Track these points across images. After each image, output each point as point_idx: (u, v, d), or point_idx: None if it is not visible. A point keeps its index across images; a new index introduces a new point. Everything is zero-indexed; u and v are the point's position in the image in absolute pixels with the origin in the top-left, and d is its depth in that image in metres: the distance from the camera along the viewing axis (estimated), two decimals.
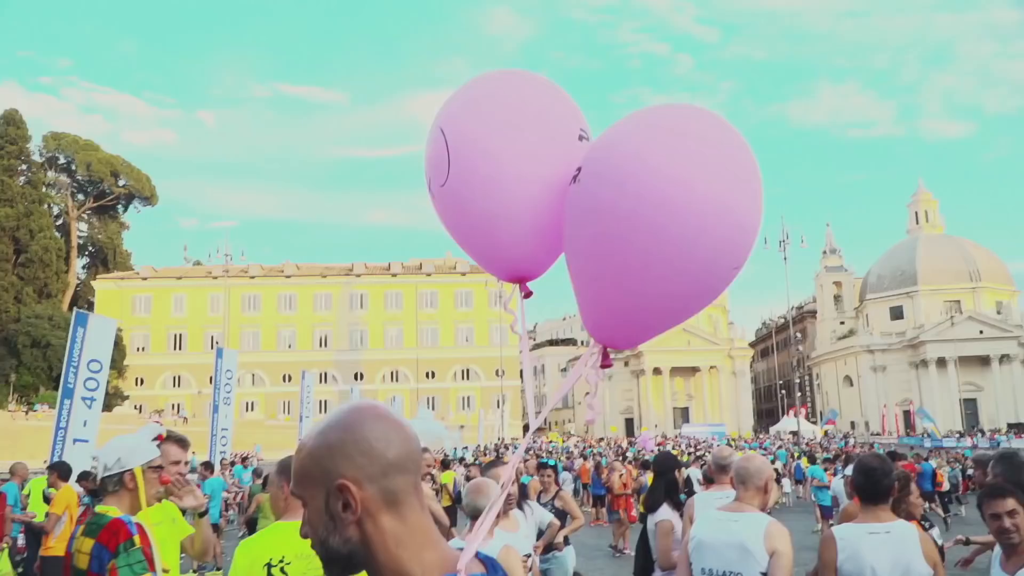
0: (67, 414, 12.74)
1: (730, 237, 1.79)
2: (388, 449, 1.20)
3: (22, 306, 67.70)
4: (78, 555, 2.87)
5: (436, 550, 1.20)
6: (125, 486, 3.04)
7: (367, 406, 1.26)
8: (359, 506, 1.17)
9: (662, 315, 1.95)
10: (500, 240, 2.13)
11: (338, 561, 1.21)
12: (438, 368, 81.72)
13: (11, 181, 71.18)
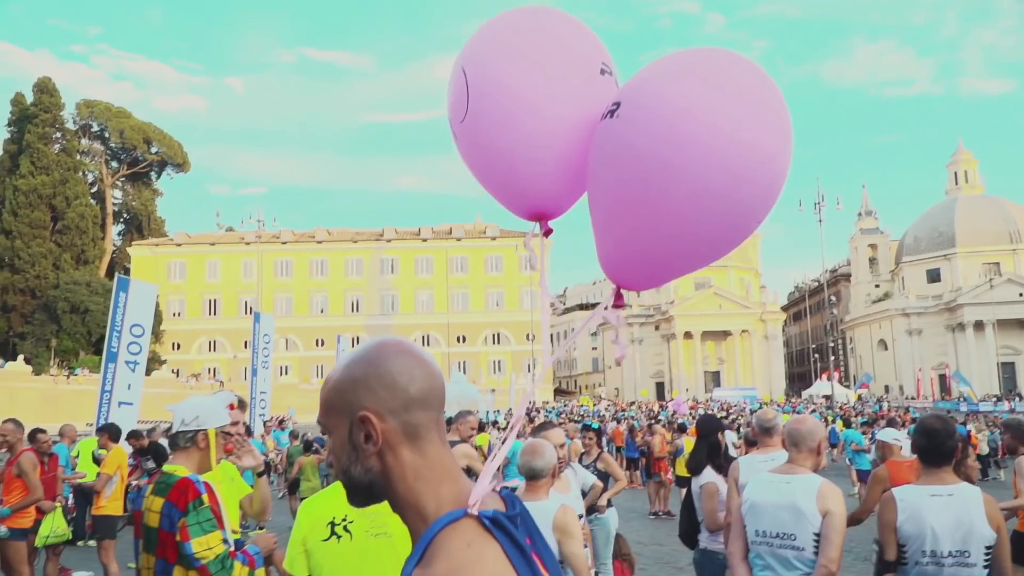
0: (111, 378, 13.00)
1: (765, 185, 1.77)
2: (410, 384, 1.22)
3: (60, 272, 68.90)
4: (148, 514, 2.92)
5: (454, 484, 1.22)
6: (197, 444, 3.09)
7: (392, 342, 1.27)
8: (380, 438, 1.20)
9: (684, 259, 1.93)
10: (518, 175, 2.07)
11: (360, 490, 1.24)
12: (469, 332, 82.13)
13: (46, 149, 72.04)
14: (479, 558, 1.12)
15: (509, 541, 1.15)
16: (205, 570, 2.83)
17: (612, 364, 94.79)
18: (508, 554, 1.14)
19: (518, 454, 10.99)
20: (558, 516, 3.29)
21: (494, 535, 1.15)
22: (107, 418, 12.05)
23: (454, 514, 1.16)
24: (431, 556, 1.13)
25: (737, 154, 1.71)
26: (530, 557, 1.17)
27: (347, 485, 1.25)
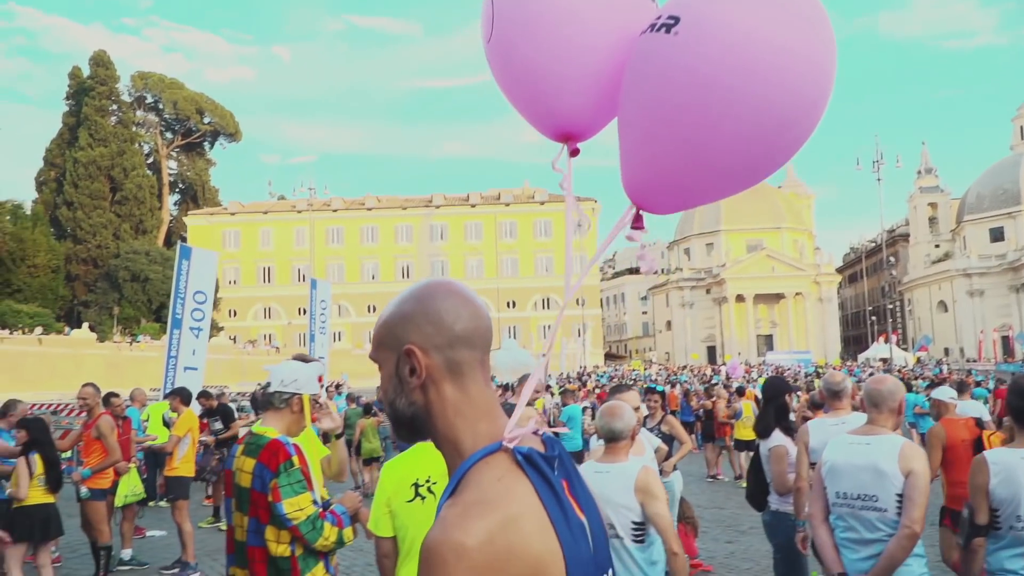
0: (176, 344, 13.35)
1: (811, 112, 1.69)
2: (456, 322, 1.25)
3: (120, 242, 70.72)
4: (240, 474, 2.98)
5: (492, 423, 1.24)
6: (291, 407, 3.14)
7: (443, 282, 1.31)
8: (423, 372, 1.24)
9: (720, 186, 1.83)
10: (545, 91, 1.95)
11: (403, 423, 1.28)
12: (518, 298, 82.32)
13: (103, 121, 73.59)
14: (507, 491, 1.13)
15: (540, 479, 1.17)
16: (296, 530, 2.89)
17: (662, 328, 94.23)
18: (538, 491, 1.15)
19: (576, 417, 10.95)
20: (640, 477, 3.28)
21: (525, 471, 1.16)
22: (173, 383, 12.40)
23: (489, 448, 1.19)
24: (462, 488, 1.16)
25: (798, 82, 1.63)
26: (563, 498, 1.18)
27: (392, 417, 1.29)
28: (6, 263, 63.91)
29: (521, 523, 1.11)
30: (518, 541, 1.09)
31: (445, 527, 1.10)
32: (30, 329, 55.35)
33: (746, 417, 13.50)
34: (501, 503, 1.12)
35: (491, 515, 1.10)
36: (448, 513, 1.13)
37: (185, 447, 8.18)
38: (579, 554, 1.17)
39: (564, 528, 1.16)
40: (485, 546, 1.07)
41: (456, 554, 1.06)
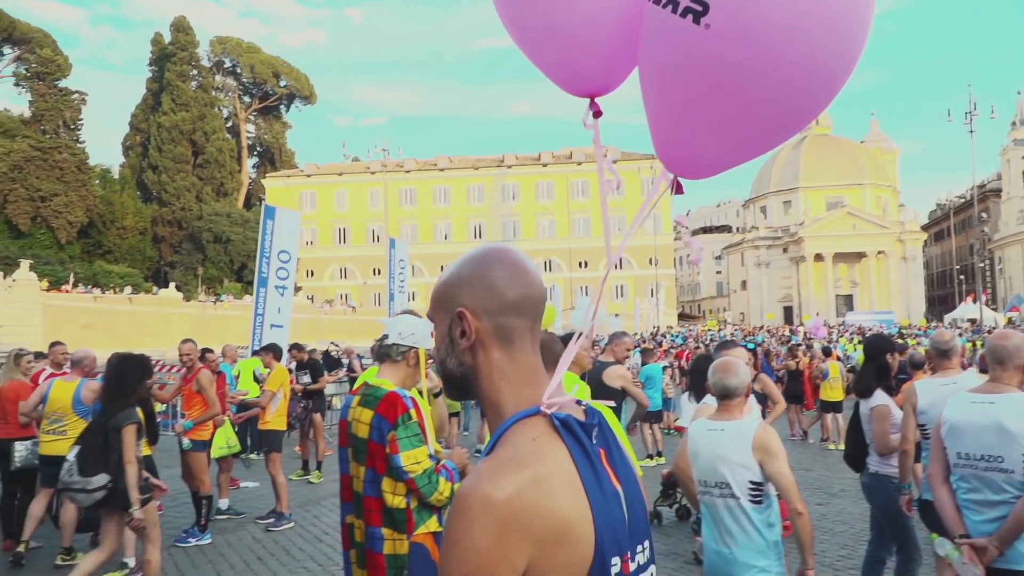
0: (263, 302, 13.68)
1: (846, 72, 1.65)
2: (508, 289, 1.28)
3: (203, 204, 72.90)
4: (357, 424, 3.00)
5: (536, 389, 1.26)
6: (407, 361, 3.14)
7: (501, 249, 1.34)
8: (473, 335, 1.28)
9: (756, 148, 1.78)
10: (561, 46, 1.89)
11: (453, 382, 1.33)
12: (591, 258, 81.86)
13: (185, 86, 75.51)
14: (540, 451, 1.16)
15: (576, 443, 1.19)
16: (412, 483, 2.90)
17: (737, 288, 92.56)
18: (573, 455, 1.18)
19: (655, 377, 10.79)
20: (758, 435, 3.19)
21: (561, 435, 1.19)
22: (260, 341, 12.74)
23: (527, 411, 1.22)
24: (499, 446, 1.20)
25: (832, 67, 1.60)
26: (597, 465, 1.21)
27: (442, 376, 1.34)
28: (97, 225, 66.65)
29: (551, 482, 1.13)
30: (545, 499, 1.12)
31: (477, 478, 1.13)
32: (121, 289, 57.78)
33: (832, 378, 13.16)
34: (533, 461, 1.14)
35: (522, 472, 1.13)
36: (482, 466, 1.16)
37: (278, 402, 8.40)
38: (611, 520, 1.18)
39: (596, 492, 1.17)
40: (512, 500, 1.10)
41: (482, 504, 1.10)
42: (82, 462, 5.03)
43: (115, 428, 5.09)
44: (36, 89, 70.19)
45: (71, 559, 6.65)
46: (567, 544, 1.13)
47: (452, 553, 1.10)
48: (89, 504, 5.12)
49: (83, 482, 5.01)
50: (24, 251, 56.51)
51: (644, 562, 1.27)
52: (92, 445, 5.08)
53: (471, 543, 1.09)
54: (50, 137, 66.94)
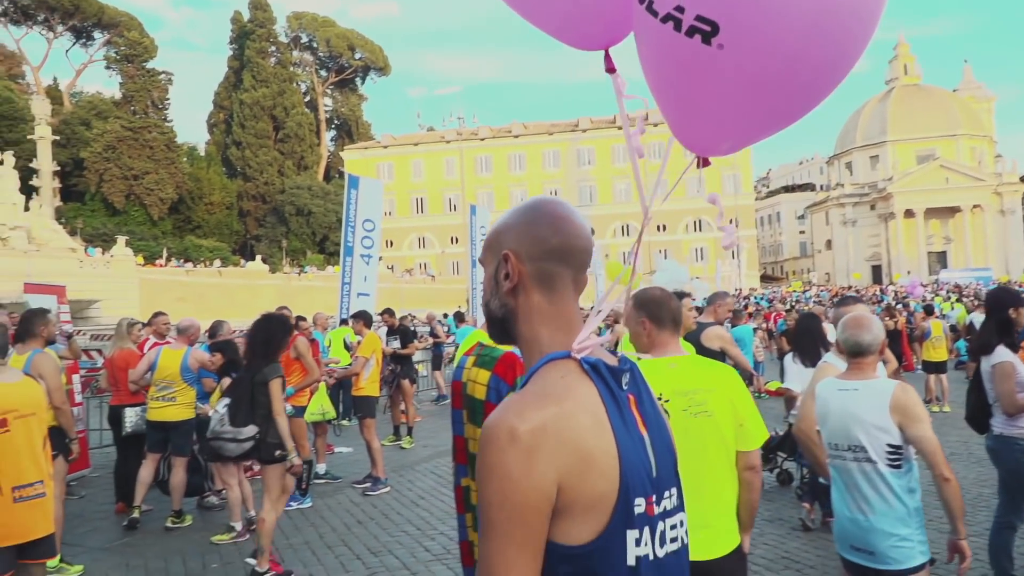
0: (349, 270, 13.88)
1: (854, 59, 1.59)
2: (553, 236, 1.32)
3: (284, 178, 74.61)
4: (473, 385, 2.92)
5: (571, 335, 1.30)
6: None
7: (551, 200, 1.39)
8: (515, 277, 1.33)
9: (780, 125, 1.71)
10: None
11: (495, 323, 1.38)
12: (669, 220, 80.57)
13: (264, 63, 77.03)
14: (568, 388, 1.21)
15: (604, 385, 1.24)
16: None
17: (821, 248, 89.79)
18: (601, 395, 1.23)
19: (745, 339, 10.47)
20: (897, 396, 2.99)
21: (590, 377, 1.24)
22: (348, 309, 12.94)
23: (559, 353, 1.27)
24: (528, 383, 1.25)
25: (850, 51, 1.56)
26: (625, 408, 1.25)
27: (487, 317, 1.40)
28: (186, 201, 69.02)
29: (576, 416, 1.18)
30: (569, 431, 1.16)
31: (504, 411, 1.18)
32: (210, 262, 59.82)
33: (935, 337, 12.60)
34: (559, 396, 1.19)
35: (547, 405, 1.18)
36: (509, 400, 1.21)
37: (371, 368, 8.49)
38: (636, 461, 1.22)
39: (623, 432, 1.21)
40: (537, 431, 1.15)
41: (510, 436, 1.15)
42: (233, 413, 5.30)
43: (261, 382, 5.34)
44: (125, 71, 72.74)
45: (180, 521, 6.89)
46: (592, 476, 1.16)
47: (487, 483, 1.15)
48: (238, 453, 5.37)
49: (234, 432, 5.27)
50: (120, 228, 59.06)
51: (671, 508, 1.30)
52: (241, 398, 5.35)
53: (503, 472, 1.13)
54: (140, 117, 69.40)
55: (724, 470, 2.67)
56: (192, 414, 6.98)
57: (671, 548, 1.28)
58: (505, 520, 1.13)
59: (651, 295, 2.92)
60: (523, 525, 1.13)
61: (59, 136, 58.57)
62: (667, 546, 1.27)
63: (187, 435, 7.03)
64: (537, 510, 1.14)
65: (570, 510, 1.16)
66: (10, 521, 3.63)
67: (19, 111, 58.01)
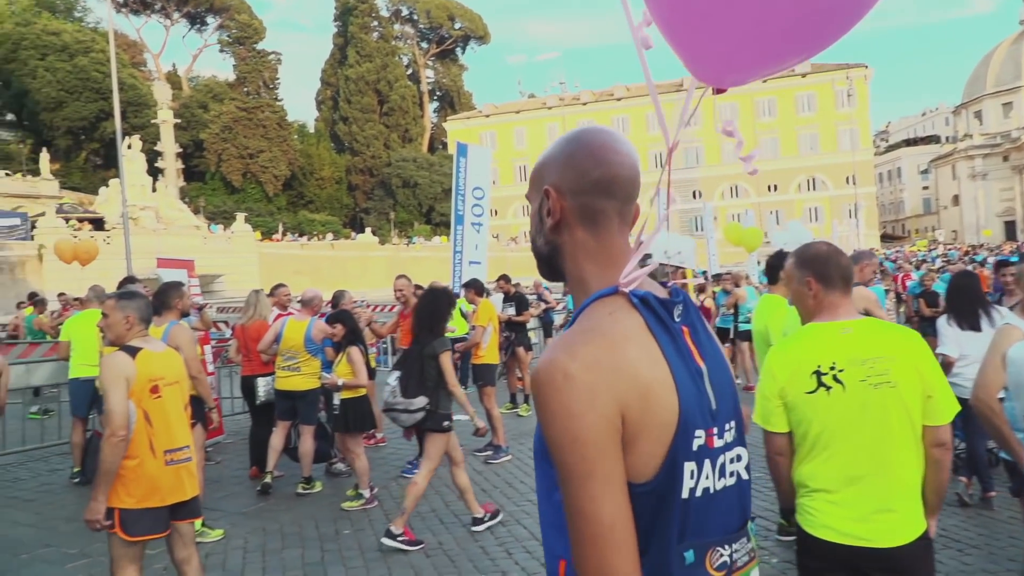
0: (460, 239, 13.86)
1: None
2: (595, 168, 1.27)
3: (390, 151, 75.93)
4: None
5: (619, 272, 1.25)
6: (673, 282, 2.86)
7: (593, 129, 1.32)
8: (558, 213, 1.29)
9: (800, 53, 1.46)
10: None
11: (542, 260, 1.36)
12: (780, 180, 77.67)
13: (367, 38, 78.25)
14: (616, 322, 1.18)
15: (654, 318, 1.20)
16: None
17: (948, 204, 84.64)
18: (651, 328, 1.18)
19: None
20: None
21: (640, 311, 1.20)
22: (461, 278, 12.92)
23: (606, 290, 1.23)
24: (576, 321, 1.22)
25: None
26: (679, 339, 1.21)
27: (535, 254, 1.37)
28: (299, 177, 71.29)
29: (628, 347, 1.16)
30: (625, 363, 1.14)
31: (553, 352, 1.16)
32: (323, 235, 61.71)
33: None
34: (608, 331, 1.17)
35: (598, 340, 1.15)
36: (558, 340, 1.19)
37: (488, 336, 8.44)
38: (693, 392, 1.18)
39: (678, 363, 1.18)
40: (592, 366, 1.13)
41: (564, 375, 1.12)
42: (404, 385, 5.43)
43: (431, 356, 5.50)
44: (237, 53, 75.42)
45: (310, 488, 7.04)
46: (652, 406, 1.13)
47: (552, 427, 1.13)
48: (410, 424, 5.51)
49: (405, 403, 5.41)
50: (239, 205, 61.59)
51: (731, 441, 1.26)
52: (411, 370, 5.49)
53: (565, 411, 1.11)
54: (252, 98, 71.92)
55: (909, 447, 2.39)
56: (317, 384, 7.09)
57: (728, 482, 1.24)
58: (580, 459, 1.10)
59: (816, 251, 2.64)
60: (600, 458, 1.10)
61: (180, 119, 61.39)
62: (726, 479, 1.23)
63: (313, 404, 7.16)
64: (609, 439, 1.11)
65: (634, 443, 1.13)
66: (164, 483, 3.78)
67: (143, 97, 61.00)
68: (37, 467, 8.65)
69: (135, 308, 3.89)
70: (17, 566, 5.49)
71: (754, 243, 20.92)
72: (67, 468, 8.19)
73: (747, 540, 1.29)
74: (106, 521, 3.59)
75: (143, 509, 3.69)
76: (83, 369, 7.66)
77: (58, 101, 57.58)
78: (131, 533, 3.65)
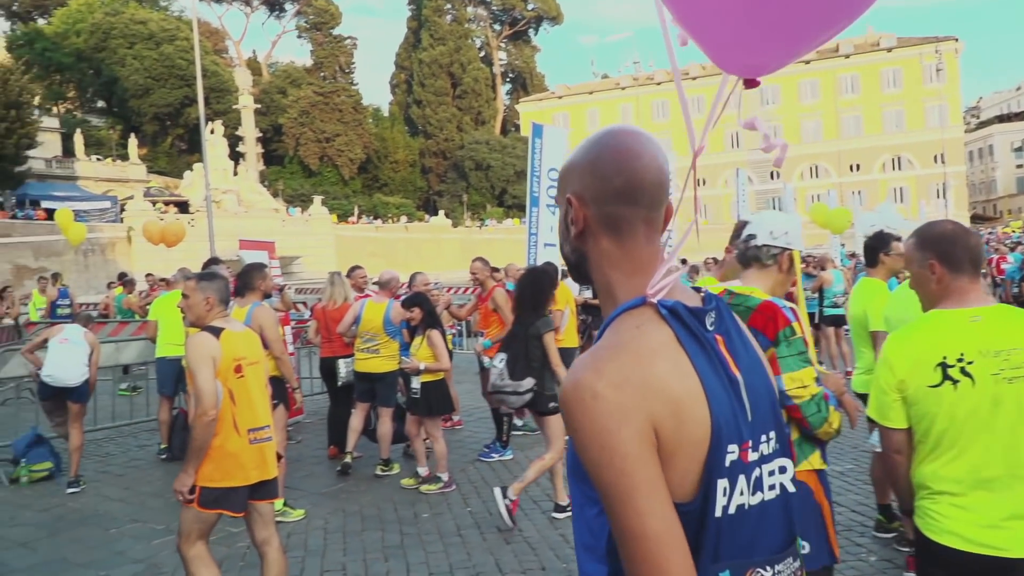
0: (535, 221, 13.73)
1: None
2: (615, 176, 1.22)
3: (463, 134, 76.16)
4: None
5: (648, 280, 1.20)
6: (779, 264, 2.68)
7: (617, 132, 1.26)
8: (581, 223, 1.25)
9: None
10: None
11: (571, 267, 1.32)
12: (863, 159, 75.01)
13: (441, 21, 78.49)
14: (643, 335, 1.14)
15: (684, 330, 1.16)
16: (796, 411, 2.42)
17: None
18: (680, 340, 1.14)
19: None
20: None
21: (668, 323, 1.16)
22: (535, 260, 12.77)
23: (633, 302, 1.19)
24: (604, 336, 1.18)
25: None
26: (711, 350, 1.16)
27: (564, 260, 1.33)
28: (373, 161, 72.24)
29: (656, 362, 1.12)
30: (654, 378, 1.10)
31: (579, 371, 1.13)
32: (397, 218, 62.43)
33: None
34: (635, 345, 1.13)
35: (625, 356, 1.12)
36: (585, 358, 1.15)
37: (566, 320, 8.30)
38: (727, 404, 1.14)
39: (710, 376, 1.13)
40: (619, 384, 1.09)
41: (593, 395, 1.09)
42: (511, 367, 5.40)
43: (535, 336, 5.49)
44: (314, 39, 76.71)
45: (389, 469, 7.06)
46: (685, 422, 1.10)
47: (587, 448, 1.09)
48: (519, 405, 5.53)
49: (514, 385, 5.39)
50: (315, 188, 62.80)
51: (770, 453, 1.21)
52: (517, 352, 5.45)
53: (598, 429, 1.08)
54: (329, 82, 73.09)
55: None
56: (395, 366, 7.08)
57: (769, 496, 1.19)
58: (619, 475, 1.06)
59: (941, 230, 2.41)
60: (640, 472, 1.06)
61: (260, 104, 62.78)
62: (764, 493, 1.18)
63: (392, 386, 7.15)
64: (647, 452, 1.07)
65: (671, 461, 1.09)
66: (247, 462, 3.80)
67: (225, 83, 62.58)
68: (126, 442, 8.94)
69: (215, 289, 3.90)
70: (107, 540, 5.65)
71: (841, 225, 20.19)
72: (155, 444, 8.44)
73: (794, 559, 1.22)
74: (189, 495, 3.64)
75: (224, 488, 3.71)
76: (169, 348, 7.84)
77: (145, 88, 59.58)
78: (207, 507, 3.68)
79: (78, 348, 7.03)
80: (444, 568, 4.89)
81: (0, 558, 5.36)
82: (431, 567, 4.91)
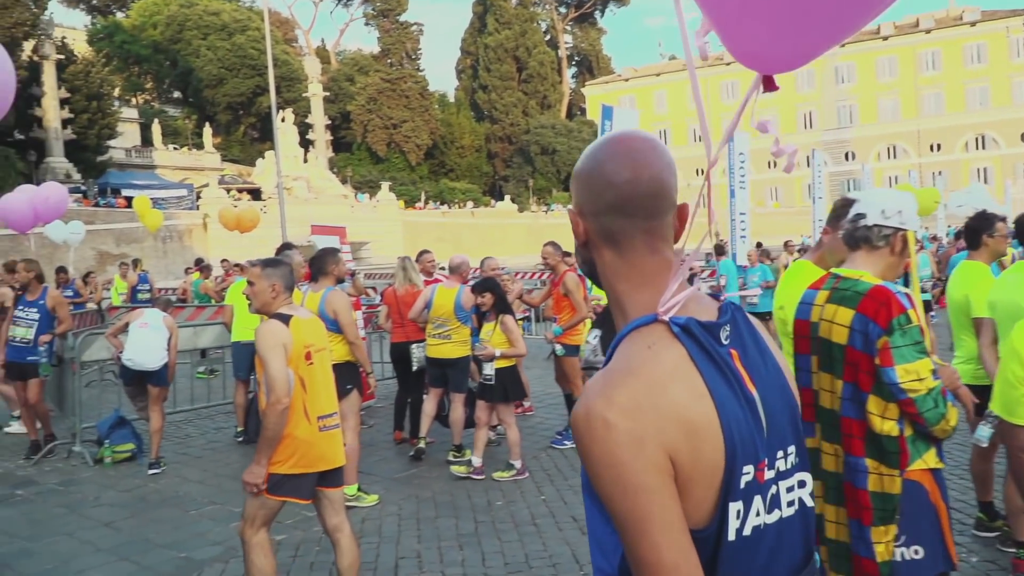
0: None
1: None
2: (607, 191, 1.20)
3: (529, 119, 75.85)
4: (829, 326, 2.38)
5: (655, 292, 1.18)
6: (891, 246, 2.47)
7: (613, 140, 1.24)
8: (582, 235, 1.25)
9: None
10: None
11: (587, 275, 1.31)
12: (944, 139, 72.12)
13: (506, 5, 78.14)
14: (655, 357, 1.11)
15: (697, 347, 1.12)
16: (910, 405, 2.23)
17: None
18: (694, 359, 1.11)
19: None
20: None
21: (681, 341, 1.12)
22: None
23: (643, 319, 1.16)
24: (614, 357, 1.15)
25: None
26: (725, 367, 1.13)
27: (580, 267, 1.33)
28: (440, 146, 72.61)
29: (668, 386, 1.09)
30: (667, 403, 1.07)
31: (590, 398, 1.10)
32: (463, 203, 62.67)
33: None
34: (647, 368, 1.09)
35: (635, 382, 1.09)
36: (595, 382, 1.13)
37: None
38: (741, 425, 1.11)
39: (725, 396, 1.10)
40: (631, 412, 1.06)
41: (604, 424, 1.06)
42: (604, 344, 5.32)
43: None
44: (381, 26, 77.37)
45: (461, 456, 7.00)
46: (700, 447, 1.07)
47: (601, 478, 1.07)
48: None
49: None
50: (383, 174, 63.50)
51: (788, 468, 1.19)
52: (609, 328, 5.32)
53: (610, 460, 1.06)
54: (396, 69, 73.70)
55: None
56: (467, 351, 7.01)
57: (787, 512, 1.17)
58: (633, 506, 1.04)
59: None
60: (654, 502, 1.04)
61: (328, 92, 63.67)
62: (782, 510, 1.16)
63: (464, 372, 7.09)
64: (661, 482, 1.05)
65: (688, 488, 1.07)
66: (317, 449, 3.76)
67: (295, 72, 63.67)
68: (204, 424, 9.12)
69: (280, 276, 3.85)
70: (188, 522, 5.74)
71: (929, 206, 19.38)
72: (232, 427, 8.58)
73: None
74: (263, 486, 3.61)
75: (294, 475, 3.68)
76: (244, 333, 7.93)
77: (219, 78, 61.05)
78: (272, 493, 3.65)
79: (158, 332, 7.15)
80: (520, 558, 4.79)
81: (87, 537, 5.49)
82: (506, 557, 4.83)
